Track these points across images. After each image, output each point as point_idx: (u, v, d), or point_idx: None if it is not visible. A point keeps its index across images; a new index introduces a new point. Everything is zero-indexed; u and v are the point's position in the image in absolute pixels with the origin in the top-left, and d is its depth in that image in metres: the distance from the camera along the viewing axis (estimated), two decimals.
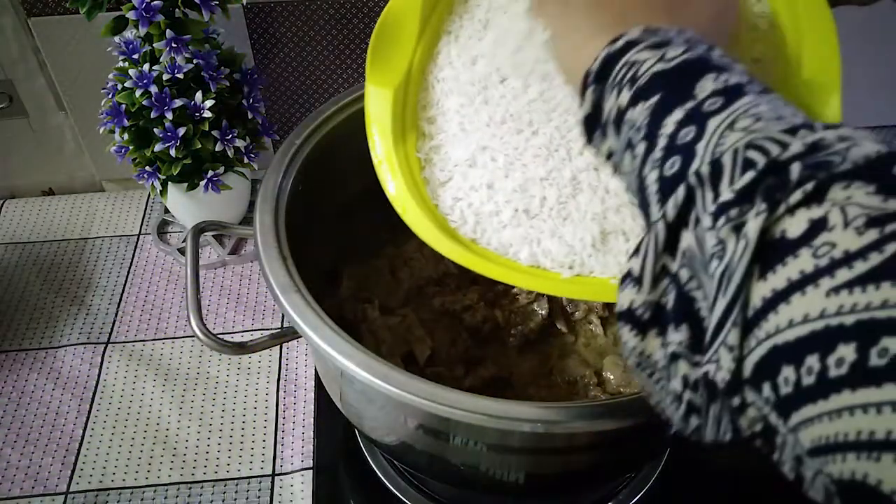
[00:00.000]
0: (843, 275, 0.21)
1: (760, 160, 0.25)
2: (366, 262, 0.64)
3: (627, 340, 0.29)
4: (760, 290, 0.23)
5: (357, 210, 0.63)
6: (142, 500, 0.59)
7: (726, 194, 0.25)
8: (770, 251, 0.24)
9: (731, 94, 0.29)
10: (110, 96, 0.67)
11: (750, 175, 0.25)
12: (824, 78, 0.41)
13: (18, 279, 0.76)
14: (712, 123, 0.28)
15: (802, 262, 0.22)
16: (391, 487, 0.60)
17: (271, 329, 0.72)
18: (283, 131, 0.83)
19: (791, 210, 0.24)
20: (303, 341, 0.65)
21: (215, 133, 0.68)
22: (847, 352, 0.20)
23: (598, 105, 0.34)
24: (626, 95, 0.32)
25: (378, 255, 0.65)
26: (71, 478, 0.60)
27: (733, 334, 0.24)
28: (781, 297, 0.23)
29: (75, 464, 0.61)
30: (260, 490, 0.59)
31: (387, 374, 0.40)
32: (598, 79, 0.33)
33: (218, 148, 0.68)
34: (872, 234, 0.21)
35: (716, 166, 0.26)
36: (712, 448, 0.28)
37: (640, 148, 0.31)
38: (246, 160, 0.71)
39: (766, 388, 0.23)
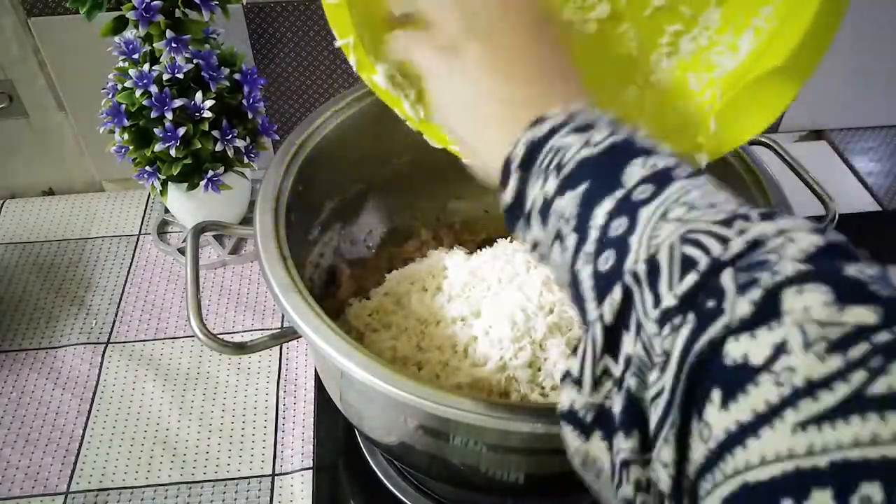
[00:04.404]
0: (809, 407, 0.19)
1: (702, 259, 0.24)
2: (366, 262, 0.64)
3: (571, 442, 0.29)
4: (723, 421, 0.22)
5: (356, 210, 0.63)
6: (142, 500, 0.59)
7: (668, 299, 0.24)
8: (725, 373, 0.22)
9: (660, 180, 0.28)
10: (110, 96, 0.67)
11: (692, 278, 0.24)
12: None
13: (18, 279, 0.76)
14: (644, 214, 0.27)
15: (765, 391, 0.21)
16: (391, 487, 0.60)
17: (271, 329, 0.72)
18: (283, 131, 0.83)
19: (747, 327, 0.22)
20: (303, 341, 0.65)
21: (215, 133, 0.68)
22: (824, 499, 0.18)
23: (521, 193, 0.32)
24: (552, 184, 0.31)
25: (377, 255, 0.65)
26: (71, 478, 0.60)
27: (665, 451, 0.23)
28: (749, 430, 0.21)
29: (75, 464, 0.61)
30: (260, 490, 0.59)
31: (387, 374, 0.39)
32: (522, 166, 0.32)
33: (218, 148, 0.68)
34: (836, 361, 0.20)
35: (652, 264, 0.26)
36: None
37: (571, 240, 0.30)
38: (246, 160, 0.71)
39: None
